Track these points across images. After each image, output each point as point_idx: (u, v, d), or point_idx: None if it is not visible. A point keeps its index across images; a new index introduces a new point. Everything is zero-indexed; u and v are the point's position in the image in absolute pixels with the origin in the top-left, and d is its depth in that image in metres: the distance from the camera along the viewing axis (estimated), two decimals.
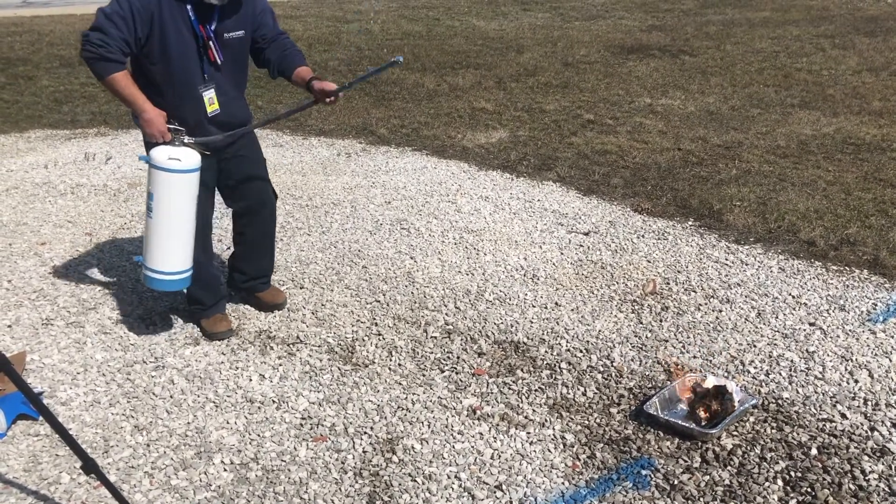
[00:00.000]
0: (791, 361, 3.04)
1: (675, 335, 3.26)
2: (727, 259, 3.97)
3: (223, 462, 2.56)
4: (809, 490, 2.36)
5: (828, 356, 3.06)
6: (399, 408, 2.83)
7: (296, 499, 2.40)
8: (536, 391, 2.91)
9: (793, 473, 2.44)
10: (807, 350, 3.11)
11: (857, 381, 2.89)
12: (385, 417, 2.78)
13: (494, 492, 2.40)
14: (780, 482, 2.40)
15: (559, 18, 12.70)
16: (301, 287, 3.79)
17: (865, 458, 2.49)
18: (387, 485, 2.45)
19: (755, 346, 3.16)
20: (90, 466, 2.12)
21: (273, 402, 2.88)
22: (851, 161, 5.38)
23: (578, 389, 2.91)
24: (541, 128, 6.52)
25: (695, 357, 3.10)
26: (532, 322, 3.41)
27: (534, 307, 3.54)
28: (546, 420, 2.74)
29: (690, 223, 4.47)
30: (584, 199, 4.88)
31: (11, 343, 3.29)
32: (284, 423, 2.76)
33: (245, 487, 2.45)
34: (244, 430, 2.72)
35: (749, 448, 2.55)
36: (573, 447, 2.60)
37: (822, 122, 6.35)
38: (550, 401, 2.85)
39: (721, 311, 3.44)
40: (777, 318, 3.37)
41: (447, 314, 3.50)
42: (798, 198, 4.71)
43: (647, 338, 3.25)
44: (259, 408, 2.85)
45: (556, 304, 3.56)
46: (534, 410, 2.79)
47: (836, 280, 3.70)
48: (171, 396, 2.92)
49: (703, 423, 2.64)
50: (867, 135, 5.94)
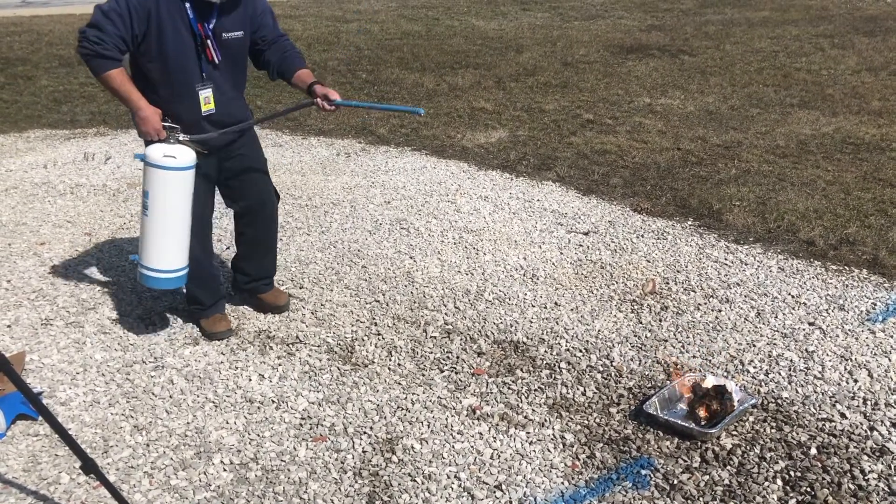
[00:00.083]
0: (790, 361, 3.04)
1: (675, 335, 3.26)
2: (726, 259, 3.97)
3: (223, 462, 2.56)
4: (809, 490, 2.36)
5: (827, 356, 3.06)
6: (399, 408, 2.83)
7: (295, 499, 2.40)
8: (536, 391, 2.91)
9: (792, 473, 2.44)
10: (806, 350, 3.11)
11: (857, 381, 2.89)
12: (385, 417, 2.78)
13: (494, 492, 2.40)
14: (780, 482, 2.40)
15: (558, 18, 12.70)
16: (300, 287, 3.79)
17: (865, 458, 2.49)
18: (386, 485, 2.45)
19: (754, 346, 3.16)
20: (90, 466, 2.12)
21: (272, 402, 2.88)
22: (851, 161, 5.38)
23: (578, 389, 2.91)
24: (540, 127, 6.52)
25: (694, 357, 3.10)
26: (531, 322, 3.41)
27: (533, 307, 3.54)
28: (545, 420, 2.74)
29: (690, 223, 4.47)
30: (584, 199, 4.88)
31: (11, 343, 3.29)
32: (284, 423, 2.76)
33: (245, 487, 2.45)
34: (244, 430, 2.72)
35: (748, 448, 2.56)
36: (573, 447, 2.60)
37: (822, 122, 6.35)
38: (550, 400, 2.85)
39: (720, 311, 3.44)
40: (776, 318, 3.37)
41: (447, 314, 3.50)
42: (797, 197, 4.71)
43: (647, 337, 3.25)
44: (258, 408, 2.85)
45: (556, 304, 3.56)
46: (533, 410, 2.79)
47: (836, 280, 3.70)
48: (171, 396, 2.92)
49: (703, 423, 2.64)
50: (866, 134, 5.94)
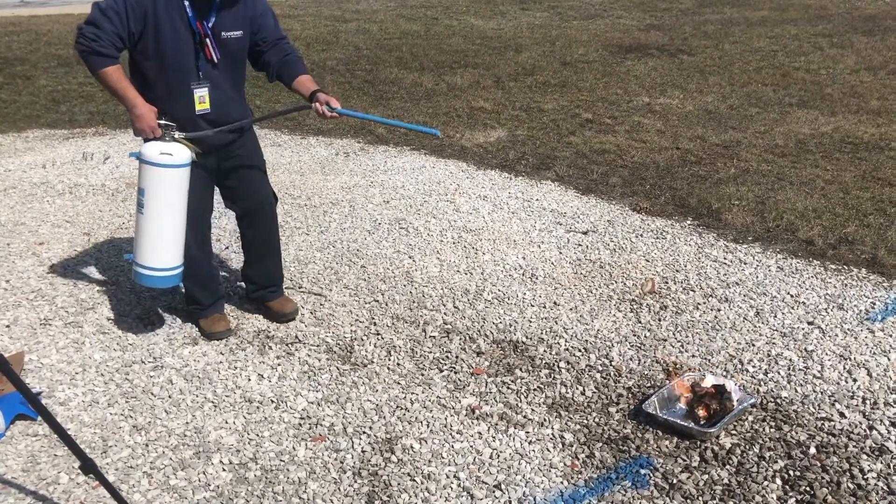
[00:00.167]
0: (790, 360, 3.04)
1: (674, 334, 3.26)
2: (725, 258, 3.97)
3: (222, 462, 2.56)
4: (808, 489, 2.36)
5: (826, 355, 3.06)
6: (398, 407, 2.83)
7: (294, 498, 2.40)
8: (535, 390, 2.91)
9: (791, 472, 2.44)
10: (805, 349, 3.11)
11: (856, 380, 2.89)
12: (384, 417, 2.78)
13: (493, 491, 2.40)
14: (779, 481, 2.41)
15: (557, 18, 12.70)
16: (300, 287, 3.79)
17: (864, 457, 2.49)
18: (386, 484, 2.45)
19: (754, 345, 3.16)
20: (89, 466, 2.12)
21: (272, 402, 2.88)
22: (849, 160, 5.38)
23: (577, 389, 2.91)
24: (539, 127, 6.52)
25: (693, 356, 3.10)
26: (531, 321, 3.41)
27: (532, 306, 3.54)
28: (545, 419, 2.74)
29: (689, 222, 4.47)
30: (583, 199, 4.88)
31: (10, 343, 3.29)
32: (283, 423, 2.76)
33: (244, 487, 2.45)
34: (243, 430, 2.72)
35: (748, 447, 2.56)
36: (572, 446, 2.60)
37: (821, 122, 6.35)
38: (549, 400, 2.85)
39: (720, 311, 3.44)
40: (776, 317, 3.37)
41: (446, 313, 3.50)
42: (796, 197, 4.71)
43: (646, 337, 3.25)
44: (258, 407, 2.85)
45: (555, 304, 3.56)
46: (532, 410, 2.79)
47: (835, 279, 3.71)
48: (170, 396, 2.92)
49: (702, 423, 2.64)
50: (865, 134, 5.95)
